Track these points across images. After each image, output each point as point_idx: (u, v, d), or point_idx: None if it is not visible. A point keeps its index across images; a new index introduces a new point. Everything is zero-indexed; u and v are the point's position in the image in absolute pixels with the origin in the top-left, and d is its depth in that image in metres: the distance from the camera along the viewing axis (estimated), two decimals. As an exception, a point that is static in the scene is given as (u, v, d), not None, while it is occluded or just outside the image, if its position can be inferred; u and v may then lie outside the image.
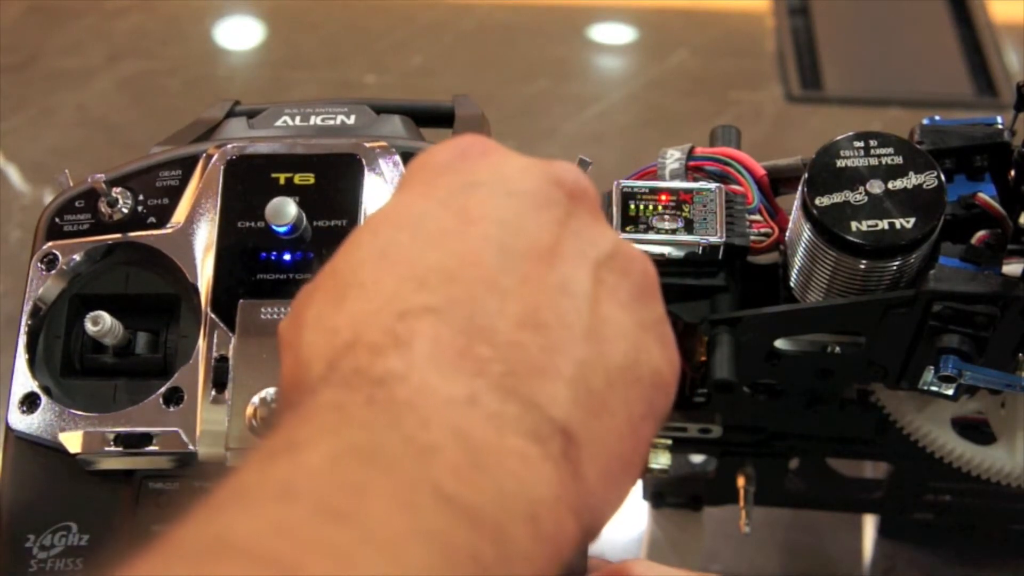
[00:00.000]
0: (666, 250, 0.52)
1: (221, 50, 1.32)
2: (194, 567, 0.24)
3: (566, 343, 0.29)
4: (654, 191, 0.53)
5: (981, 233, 0.51)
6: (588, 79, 1.29)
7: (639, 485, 0.75)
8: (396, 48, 1.28)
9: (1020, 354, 0.53)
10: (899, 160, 0.50)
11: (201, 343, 0.46)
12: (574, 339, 0.29)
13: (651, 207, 0.53)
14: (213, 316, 0.47)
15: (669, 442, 0.57)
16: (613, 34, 1.33)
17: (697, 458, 0.72)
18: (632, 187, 0.53)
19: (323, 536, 0.24)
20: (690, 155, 0.56)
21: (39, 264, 0.49)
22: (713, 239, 0.52)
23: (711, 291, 0.53)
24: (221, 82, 1.24)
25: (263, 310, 0.47)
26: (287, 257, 0.47)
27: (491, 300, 0.29)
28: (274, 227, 0.47)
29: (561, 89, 1.25)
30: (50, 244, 0.49)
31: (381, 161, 0.49)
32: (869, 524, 0.84)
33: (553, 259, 0.30)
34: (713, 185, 0.54)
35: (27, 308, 0.48)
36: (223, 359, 0.46)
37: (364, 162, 0.49)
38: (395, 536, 0.24)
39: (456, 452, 0.26)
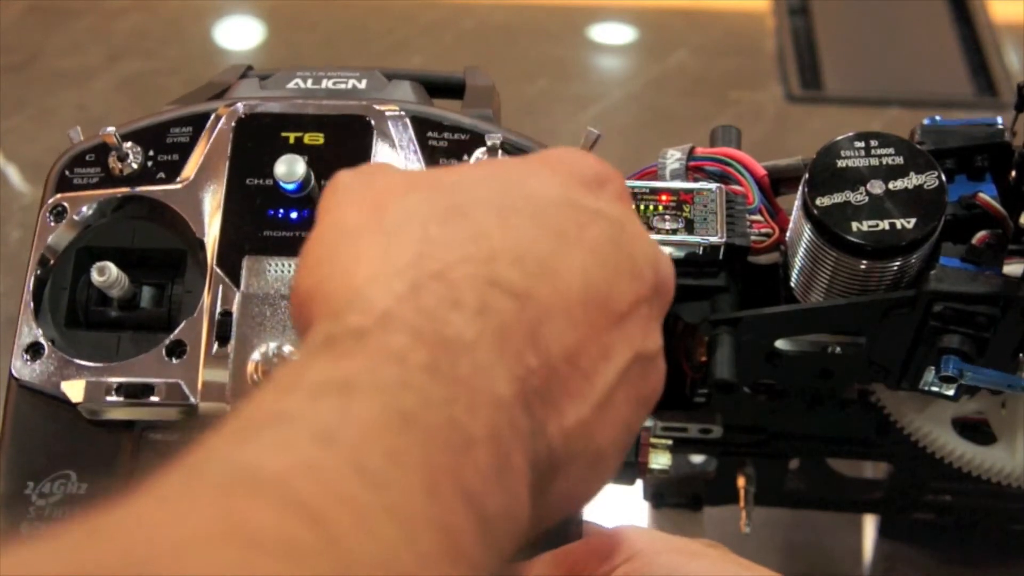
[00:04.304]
0: (667, 250, 0.52)
1: (221, 50, 1.32)
2: (219, 496, 0.24)
3: (582, 397, 0.31)
4: (654, 191, 0.53)
5: (982, 233, 0.51)
6: (588, 79, 1.29)
7: (639, 485, 0.75)
8: (396, 48, 1.28)
9: (1021, 355, 0.53)
10: (900, 160, 0.50)
11: (206, 297, 0.47)
12: (587, 399, 0.31)
13: (652, 207, 0.53)
14: (218, 271, 0.47)
15: (669, 442, 0.57)
16: (613, 34, 1.33)
17: (697, 458, 0.72)
18: (632, 187, 0.53)
19: (351, 492, 0.24)
20: (690, 155, 0.56)
21: (47, 215, 0.49)
22: (714, 239, 0.52)
23: (712, 291, 0.53)
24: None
25: (268, 266, 0.47)
26: (294, 215, 0.48)
27: (559, 320, 0.30)
28: (282, 185, 0.47)
29: (561, 89, 1.25)
30: (59, 196, 0.49)
31: (390, 124, 0.49)
32: (869, 524, 0.84)
33: (618, 324, 0.32)
34: (713, 185, 0.53)
35: (34, 258, 0.48)
36: (227, 314, 0.46)
37: (373, 124, 0.49)
38: (414, 517, 0.25)
39: (487, 453, 0.27)
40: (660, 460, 0.56)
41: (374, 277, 0.30)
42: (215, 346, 0.46)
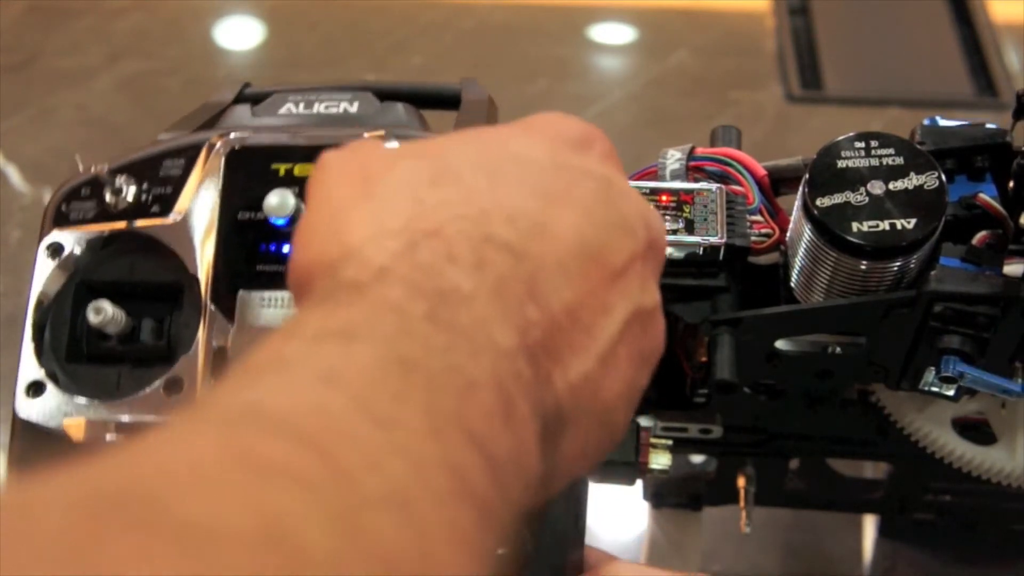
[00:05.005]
0: (667, 251, 0.52)
1: (221, 50, 1.32)
2: (225, 431, 0.24)
3: (584, 350, 0.31)
4: (655, 191, 0.53)
5: (982, 234, 0.51)
6: (588, 79, 1.29)
7: (639, 485, 0.75)
8: (396, 48, 1.28)
9: (1018, 363, 0.53)
10: (900, 161, 0.50)
11: (201, 333, 0.47)
12: (590, 353, 0.31)
13: (652, 207, 0.53)
14: (212, 307, 0.47)
15: (669, 442, 0.57)
16: (613, 34, 1.34)
17: (697, 458, 0.72)
18: (632, 187, 0.53)
19: (359, 432, 0.24)
20: (691, 155, 0.56)
21: (44, 251, 0.49)
22: (714, 240, 0.52)
23: (712, 292, 0.53)
24: (221, 82, 1.24)
25: (262, 301, 0.47)
26: (286, 249, 0.48)
27: (556, 275, 0.31)
28: (273, 219, 0.47)
29: (561, 89, 1.25)
30: (55, 232, 0.49)
31: None
32: (869, 524, 0.84)
33: (614, 280, 0.32)
34: (714, 185, 0.53)
35: (33, 296, 0.49)
36: (222, 350, 0.46)
37: None
38: (423, 455, 0.25)
39: (491, 398, 0.27)
40: (660, 460, 0.56)
41: (369, 238, 0.30)
42: (211, 382, 0.46)
